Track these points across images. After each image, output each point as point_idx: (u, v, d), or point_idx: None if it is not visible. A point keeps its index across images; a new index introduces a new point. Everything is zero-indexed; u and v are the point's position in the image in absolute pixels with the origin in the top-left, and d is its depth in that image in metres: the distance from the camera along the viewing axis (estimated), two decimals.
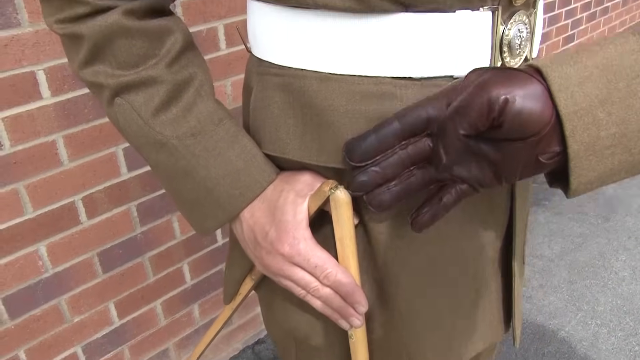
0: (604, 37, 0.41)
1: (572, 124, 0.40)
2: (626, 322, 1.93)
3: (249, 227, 0.53)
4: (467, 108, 0.42)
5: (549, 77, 0.41)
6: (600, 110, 0.40)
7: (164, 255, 1.51)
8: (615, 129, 0.40)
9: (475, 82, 0.43)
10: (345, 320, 0.53)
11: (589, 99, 0.40)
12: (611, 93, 0.40)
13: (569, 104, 0.40)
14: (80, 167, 1.28)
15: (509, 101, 0.40)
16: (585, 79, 0.40)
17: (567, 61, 0.41)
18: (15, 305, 1.27)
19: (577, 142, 0.41)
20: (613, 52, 0.40)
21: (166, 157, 0.53)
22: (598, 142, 0.41)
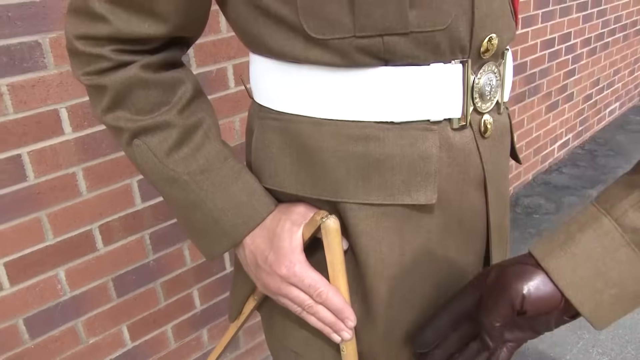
0: (585, 212, 0.53)
1: (577, 299, 0.51)
2: (627, 351, 1.96)
3: (250, 252, 0.61)
4: (495, 307, 0.53)
5: (547, 270, 0.51)
6: (598, 282, 0.50)
7: (175, 281, 1.58)
8: (615, 290, 0.50)
9: (494, 280, 0.54)
10: (336, 334, 0.60)
11: (583, 278, 0.50)
12: (601, 269, 0.50)
13: (568, 286, 0.51)
14: (97, 197, 1.36)
15: (526, 296, 0.52)
16: (577, 265, 0.50)
17: (558, 252, 0.51)
18: (35, 326, 1.34)
19: (586, 307, 0.51)
20: (593, 237, 0.51)
21: (178, 191, 0.61)
22: (603, 302, 0.50)
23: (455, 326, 0.58)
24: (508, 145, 0.68)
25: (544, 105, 3.12)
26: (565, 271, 0.51)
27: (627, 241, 0.49)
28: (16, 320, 1.31)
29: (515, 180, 3.09)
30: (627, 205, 0.50)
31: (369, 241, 0.58)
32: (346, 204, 0.58)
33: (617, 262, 0.50)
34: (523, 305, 0.52)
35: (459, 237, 0.62)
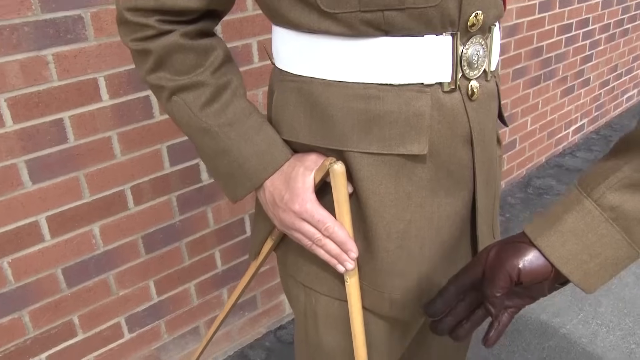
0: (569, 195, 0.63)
1: (567, 270, 0.61)
2: (625, 323, 2.05)
3: (269, 192, 0.72)
4: (496, 279, 0.63)
5: (540, 247, 0.61)
6: (584, 254, 0.60)
7: (199, 241, 1.71)
8: (599, 259, 0.61)
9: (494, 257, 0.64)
10: (341, 265, 0.71)
11: (571, 252, 0.60)
12: (585, 243, 0.60)
13: (559, 260, 0.61)
14: (130, 160, 1.49)
15: (521, 269, 0.62)
16: (564, 242, 0.60)
17: (548, 231, 0.61)
18: (72, 276, 1.47)
19: (576, 276, 0.61)
20: (577, 217, 0.60)
21: (209, 140, 0.72)
22: (590, 270, 0.61)
23: (462, 297, 0.69)
24: (495, 108, 0.77)
25: (560, 90, 3.17)
26: (556, 247, 0.61)
27: (605, 218, 0.59)
28: (55, 269, 1.44)
29: (528, 162, 3.16)
30: (604, 188, 0.60)
31: (370, 185, 0.69)
32: (350, 153, 0.68)
33: (598, 236, 0.60)
34: (520, 277, 0.62)
35: (448, 185, 0.73)
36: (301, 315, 0.87)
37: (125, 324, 1.63)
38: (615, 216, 0.59)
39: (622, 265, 0.61)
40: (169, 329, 1.75)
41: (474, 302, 0.69)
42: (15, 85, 1.25)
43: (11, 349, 1.44)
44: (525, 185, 3.07)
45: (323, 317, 0.82)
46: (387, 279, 0.75)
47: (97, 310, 1.56)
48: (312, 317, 0.84)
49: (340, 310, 0.80)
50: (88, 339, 1.57)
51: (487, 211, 0.80)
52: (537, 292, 0.66)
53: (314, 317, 0.84)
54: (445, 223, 0.74)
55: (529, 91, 2.90)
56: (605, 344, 1.96)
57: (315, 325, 0.85)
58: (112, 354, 1.64)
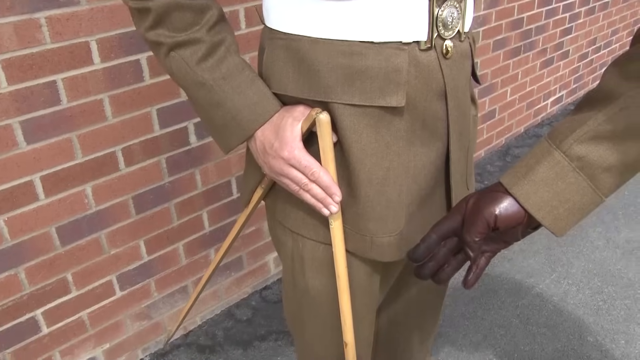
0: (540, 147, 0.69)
1: (540, 215, 0.67)
2: (594, 282, 2.16)
3: (260, 141, 0.78)
4: (474, 225, 0.69)
5: (515, 195, 0.68)
6: (554, 201, 0.67)
7: (187, 203, 1.77)
8: (568, 205, 0.67)
9: (472, 205, 0.71)
10: (326, 208, 0.78)
11: (543, 199, 0.67)
12: (555, 191, 0.67)
13: (532, 206, 0.67)
14: (121, 122, 1.53)
15: (497, 215, 0.68)
16: (537, 189, 0.67)
17: (522, 180, 0.68)
18: (65, 234, 1.53)
19: (547, 221, 0.67)
20: (547, 167, 0.67)
21: (204, 93, 0.77)
22: (560, 215, 0.68)
23: (444, 243, 0.75)
24: (468, 67, 0.84)
25: (539, 61, 3.24)
26: (529, 195, 0.67)
27: (573, 167, 0.66)
28: (49, 228, 1.50)
29: (507, 132, 3.25)
30: (572, 140, 0.66)
31: (352, 134, 0.76)
32: (335, 104, 0.75)
33: (567, 184, 0.66)
34: (496, 223, 0.69)
35: (423, 136, 0.80)
36: (289, 260, 0.94)
37: (117, 282, 1.70)
38: (582, 165, 0.66)
39: (588, 209, 0.68)
40: (159, 288, 1.82)
41: (454, 247, 0.75)
42: (9, 47, 1.29)
43: (9, 304, 1.49)
44: (504, 154, 3.16)
45: (309, 261, 0.89)
46: (368, 223, 0.82)
47: (89, 268, 1.62)
48: (299, 261, 0.91)
49: (326, 253, 0.87)
50: (81, 296, 1.63)
51: (460, 162, 0.87)
52: (511, 237, 0.73)
53: (300, 261, 0.91)
54: (421, 172, 0.81)
55: (509, 62, 2.96)
56: (575, 301, 2.07)
57: (302, 270, 0.92)
58: (105, 311, 1.70)
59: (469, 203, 0.72)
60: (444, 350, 1.87)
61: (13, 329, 1.53)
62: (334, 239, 0.82)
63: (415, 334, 1.21)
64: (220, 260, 1.11)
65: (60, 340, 1.64)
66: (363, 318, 0.96)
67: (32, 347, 1.59)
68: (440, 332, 1.95)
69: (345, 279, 0.85)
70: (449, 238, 0.75)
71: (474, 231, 0.70)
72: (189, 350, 1.89)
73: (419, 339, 1.23)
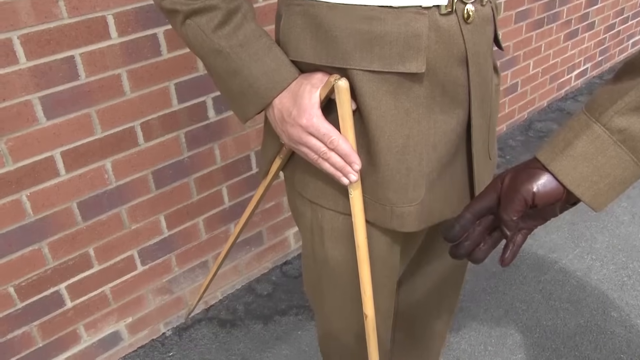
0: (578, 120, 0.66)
1: (579, 191, 0.65)
2: (619, 258, 2.13)
3: (278, 110, 0.77)
4: (511, 204, 0.67)
5: (553, 171, 0.65)
6: (594, 176, 0.64)
7: (206, 178, 1.77)
8: (608, 180, 0.65)
9: (509, 183, 0.68)
10: (345, 177, 0.77)
11: (583, 174, 0.64)
12: (595, 165, 0.64)
13: (571, 182, 0.65)
14: (139, 97, 1.53)
15: (535, 193, 0.66)
16: (577, 164, 0.64)
17: (560, 156, 0.65)
18: (86, 209, 1.54)
19: (587, 197, 0.65)
20: (587, 141, 0.64)
21: (221, 61, 0.76)
22: (600, 190, 0.65)
23: (479, 222, 0.73)
24: (490, 32, 0.81)
25: (563, 33, 3.17)
26: (568, 171, 0.65)
27: (614, 141, 0.63)
28: (71, 203, 1.51)
29: (530, 106, 3.19)
30: (612, 112, 0.63)
31: (371, 101, 0.74)
32: (353, 71, 0.73)
33: (607, 158, 0.64)
34: (534, 201, 0.67)
35: (443, 103, 0.78)
36: (308, 232, 0.93)
37: (138, 257, 1.71)
38: (623, 138, 0.63)
39: (629, 182, 0.66)
40: (179, 262, 1.83)
41: (489, 225, 0.73)
42: (27, 22, 1.29)
43: (33, 278, 1.51)
44: (527, 128, 3.11)
45: (328, 232, 0.89)
46: (388, 192, 0.80)
47: (111, 243, 1.63)
48: (318, 232, 0.90)
49: (345, 224, 0.86)
50: (103, 271, 1.65)
51: (481, 130, 0.85)
52: (549, 213, 0.70)
53: (320, 232, 0.90)
54: (442, 139, 0.79)
55: (531, 34, 2.90)
56: (599, 277, 2.04)
57: (322, 241, 0.91)
58: (126, 285, 1.72)
59: (505, 181, 0.70)
60: (465, 325, 1.87)
61: (38, 302, 1.55)
62: (353, 208, 0.81)
63: (436, 308, 1.20)
64: (239, 233, 1.10)
65: (84, 313, 1.66)
66: (383, 290, 0.96)
67: (58, 320, 1.61)
68: (462, 306, 1.94)
69: (365, 249, 0.84)
70: (484, 216, 0.73)
71: (511, 210, 0.67)
72: (210, 324, 1.91)
73: (439, 313, 1.22)
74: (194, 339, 1.86)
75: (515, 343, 1.79)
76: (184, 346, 1.83)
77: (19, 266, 1.48)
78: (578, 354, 1.74)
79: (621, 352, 1.73)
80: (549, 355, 1.74)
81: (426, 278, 1.15)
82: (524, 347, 1.77)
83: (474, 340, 1.81)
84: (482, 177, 0.89)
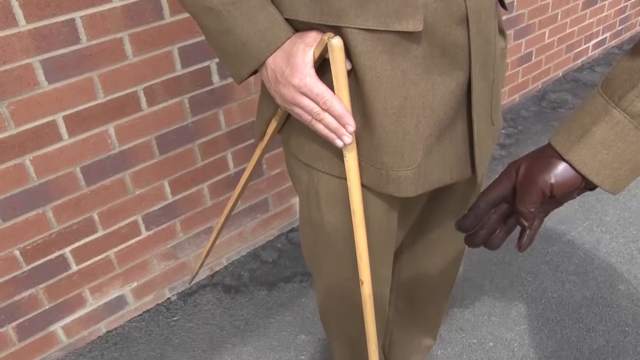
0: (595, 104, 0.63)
1: (599, 179, 0.63)
2: (629, 231, 2.09)
3: (271, 69, 0.74)
4: (528, 195, 0.65)
5: (571, 161, 0.63)
6: (615, 163, 0.62)
7: (211, 143, 1.76)
8: (629, 165, 0.62)
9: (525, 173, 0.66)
10: (339, 139, 0.75)
11: (602, 162, 0.62)
12: (616, 152, 0.62)
13: (591, 171, 0.63)
14: (142, 61, 1.51)
15: (553, 184, 0.64)
16: (596, 153, 0.62)
17: (578, 145, 0.63)
18: (90, 174, 1.54)
19: (608, 184, 0.63)
20: (606, 128, 0.62)
21: (213, 20, 0.74)
22: (621, 176, 0.63)
23: (493, 210, 0.72)
24: None
25: (581, 1, 3.08)
26: (587, 160, 0.63)
27: (635, 126, 0.61)
28: (74, 168, 1.51)
29: (544, 76, 3.12)
30: (633, 97, 0.60)
31: (366, 60, 0.72)
32: (348, 29, 0.70)
33: (628, 143, 0.61)
34: (552, 192, 0.65)
35: (442, 64, 0.75)
36: (304, 196, 0.92)
37: (142, 222, 1.71)
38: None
39: None
40: (184, 228, 1.83)
41: (504, 213, 0.72)
42: None
43: (38, 242, 1.52)
44: (540, 99, 3.05)
45: (324, 196, 0.87)
46: (383, 155, 0.78)
47: (115, 208, 1.63)
48: (314, 196, 0.89)
49: (341, 188, 0.85)
50: (108, 235, 1.66)
51: (483, 94, 0.82)
52: (566, 199, 0.69)
53: (316, 196, 0.88)
54: (440, 102, 0.77)
55: (548, 1, 2.82)
56: (608, 249, 2.02)
57: (318, 205, 0.89)
58: (131, 250, 1.73)
59: (520, 170, 0.68)
60: (469, 295, 1.86)
61: (44, 265, 1.56)
62: (348, 172, 0.79)
63: (437, 277, 1.19)
64: (239, 196, 1.09)
65: (89, 277, 1.67)
66: (380, 256, 0.94)
67: (63, 283, 1.63)
68: (467, 277, 1.93)
69: (361, 214, 0.82)
70: (498, 205, 0.72)
71: (528, 201, 0.66)
72: (215, 290, 1.92)
73: (441, 282, 1.21)
74: (199, 304, 1.87)
75: (519, 314, 1.78)
76: (189, 311, 1.85)
77: (24, 229, 1.49)
78: (582, 325, 1.72)
79: (626, 324, 1.72)
80: (553, 327, 1.73)
81: (427, 246, 1.13)
82: (528, 318, 1.76)
83: (478, 311, 1.80)
84: (483, 143, 0.86)
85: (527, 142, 2.67)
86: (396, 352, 1.39)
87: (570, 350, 1.65)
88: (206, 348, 1.72)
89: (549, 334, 1.70)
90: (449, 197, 1.00)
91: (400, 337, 1.35)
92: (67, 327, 1.69)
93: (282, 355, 1.69)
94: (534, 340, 1.69)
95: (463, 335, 1.72)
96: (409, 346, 1.37)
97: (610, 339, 1.67)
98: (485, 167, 0.90)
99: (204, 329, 1.78)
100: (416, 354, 1.39)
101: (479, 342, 1.70)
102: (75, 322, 1.70)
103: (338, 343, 1.20)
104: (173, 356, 1.70)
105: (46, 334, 1.65)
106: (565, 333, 1.70)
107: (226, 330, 1.77)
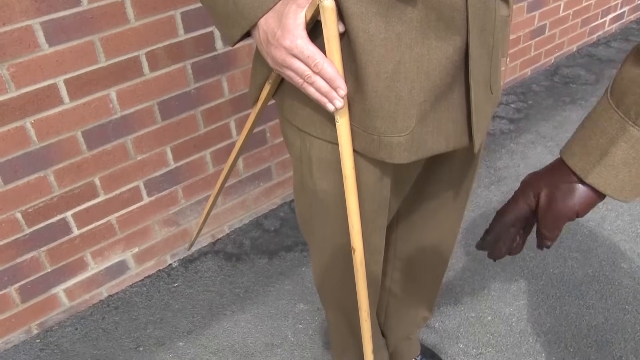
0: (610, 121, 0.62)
1: (622, 196, 0.63)
2: (635, 210, 2.07)
3: (263, 31, 0.73)
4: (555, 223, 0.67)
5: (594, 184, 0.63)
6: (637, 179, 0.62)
7: (214, 110, 1.74)
8: None
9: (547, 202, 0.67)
10: (331, 103, 0.73)
11: (624, 180, 0.62)
12: (638, 170, 0.61)
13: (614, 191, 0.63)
14: (144, 26, 1.49)
15: (579, 210, 0.66)
16: (617, 173, 0.62)
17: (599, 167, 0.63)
18: (91, 138, 1.54)
19: (630, 198, 0.63)
20: (625, 148, 0.61)
21: None
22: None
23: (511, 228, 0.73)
24: None
25: None
26: (609, 180, 0.63)
27: None
28: (75, 132, 1.50)
29: (558, 50, 3.07)
30: None
31: (359, 22, 0.70)
32: None
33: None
34: (577, 216, 0.66)
35: (438, 28, 0.73)
36: (297, 162, 0.91)
37: (144, 188, 1.72)
38: None
39: None
40: (186, 195, 1.83)
41: (521, 227, 0.73)
42: None
43: (40, 205, 1.53)
44: (552, 73, 3.00)
45: (317, 162, 0.86)
46: (376, 120, 0.77)
47: (116, 173, 1.63)
48: (307, 162, 0.88)
49: (333, 154, 0.83)
50: (109, 200, 1.66)
51: (481, 61, 0.80)
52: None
53: (308, 162, 0.88)
54: (436, 67, 0.75)
55: None
56: (613, 227, 2.00)
57: (310, 171, 0.89)
58: (133, 216, 1.74)
59: (541, 199, 0.68)
60: (469, 268, 1.85)
61: (46, 228, 1.58)
62: (340, 136, 0.78)
63: (433, 249, 1.19)
64: (234, 162, 1.09)
65: (90, 242, 1.68)
66: (372, 224, 0.94)
67: (65, 247, 1.64)
68: (467, 250, 1.92)
69: (353, 179, 0.81)
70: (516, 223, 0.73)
71: (554, 228, 0.68)
72: (216, 257, 1.93)
73: (437, 254, 1.20)
74: (200, 270, 1.88)
75: (519, 289, 1.77)
76: (189, 277, 1.86)
77: (25, 192, 1.49)
78: (582, 302, 1.72)
79: (627, 302, 1.71)
80: (552, 303, 1.72)
81: (424, 217, 1.12)
82: (528, 294, 1.76)
83: (477, 285, 1.80)
84: (481, 112, 0.84)
85: (536, 117, 2.63)
86: (392, 323, 1.39)
87: (569, 326, 1.65)
88: (205, 314, 1.73)
89: (548, 310, 1.70)
90: (446, 166, 0.99)
91: (396, 308, 1.35)
92: (69, 291, 1.71)
93: (280, 323, 1.70)
94: (532, 316, 1.69)
95: (462, 308, 1.72)
96: (405, 317, 1.37)
97: (610, 317, 1.67)
98: (483, 136, 0.88)
99: (204, 295, 1.80)
100: (412, 325, 1.40)
101: (477, 316, 1.70)
102: (77, 286, 1.72)
103: (332, 313, 1.21)
104: (173, 321, 1.72)
105: (48, 296, 1.67)
106: (564, 309, 1.70)
107: (226, 298, 1.79)
